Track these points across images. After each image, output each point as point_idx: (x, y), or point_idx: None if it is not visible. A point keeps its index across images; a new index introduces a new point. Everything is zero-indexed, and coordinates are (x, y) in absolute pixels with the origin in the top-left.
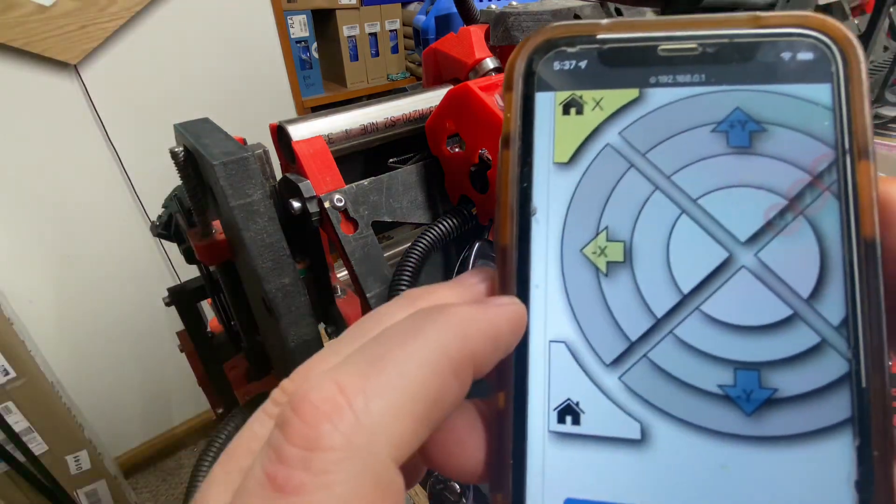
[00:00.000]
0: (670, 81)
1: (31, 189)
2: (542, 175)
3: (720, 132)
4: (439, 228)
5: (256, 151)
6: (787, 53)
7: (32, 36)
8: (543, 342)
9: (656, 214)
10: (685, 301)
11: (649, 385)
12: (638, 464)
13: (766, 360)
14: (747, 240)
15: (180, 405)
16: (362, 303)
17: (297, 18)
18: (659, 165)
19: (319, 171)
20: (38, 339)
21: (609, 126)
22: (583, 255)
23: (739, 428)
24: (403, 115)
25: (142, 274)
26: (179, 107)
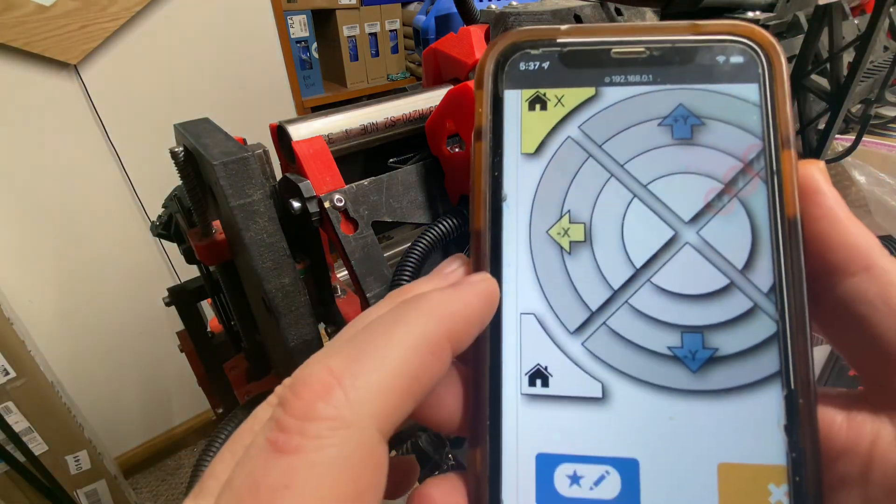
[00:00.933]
0: (622, 81)
1: (31, 189)
2: (511, 165)
3: (666, 126)
4: (439, 228)
5: (256, 151)
6: (721, 57)
7: (32, 36)
8: (515, 314)
9: (612, 198)
10: (638, 274)
11: (608, 349)
12: (599, 419)
13: (708, 324)
14: (690, 219)
15: (180, 405)
16: (362, 303)
17: (297, 18)
18: (614, 155)
19: (319, 171)
20: (38, 339)
21: (570, 120)
22: (549, 236)
23: (686, 384)
24: (403, 115)
25: (142, 274)
26: (179, 107)
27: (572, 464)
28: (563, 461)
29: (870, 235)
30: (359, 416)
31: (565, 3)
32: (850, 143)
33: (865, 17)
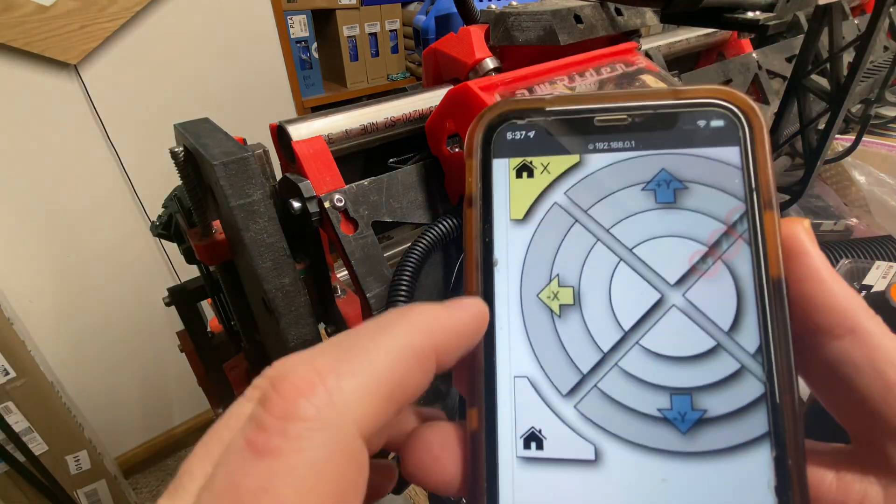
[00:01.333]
0: (606, 147)
1: (32, 189)
2: (501, 230)
3: (649, 190)
4: (439, 228)
5: (256, 151)
6: (702, 121)
7: (32, 36)
8: (509, 377)
9: (599, 262)
10: (626, 337)
11: (600, 411)
12: (593, 482)
13: (696, 386)
14: (676, 282)
15: (180, 405)
16: (362, 303)
17: (297, 18)
18: (599, 220)
19: (319, 171)
20: (38, 339)
21: (556, 187)
22: (539, 299)
23: (676, 445)
24: (403, 115)
25: (142, 274)
26: (179, 107)
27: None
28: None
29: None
30: (341, 417)
31: (565, 3)
32: (850, 143)
33: (865, 17)
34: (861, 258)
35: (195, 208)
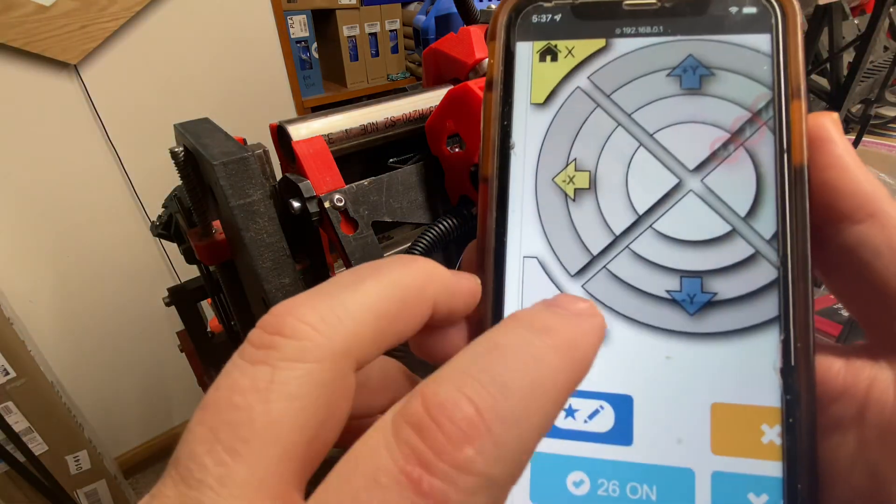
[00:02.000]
0: (633, 32)
1: (32, 189)
2: (521, 114)
3: (675, 76)
4: (439, 228)
5: (256, 151)
6: (734, 7)
7: (32, 36)
8: (518, 258)
9: (618, 147)
10: (640, 220)
11: (608, 291)
12: (597, 357)
13: (708, 269)
14: (695, 168)
15: (180, 405)
16: None
17: (297, 18)
18: (621, 105)
19: (319, 171)
20: (38, 339)
21: (579, 71)
22: (554, 183)
23: (683, 326)
24: (403, 115)
25: (142, 274)
26: (179, 107)
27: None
28: None
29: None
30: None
31: None
32: (849, 140)
33: (865, 17)
34: None
35: (195, 208)
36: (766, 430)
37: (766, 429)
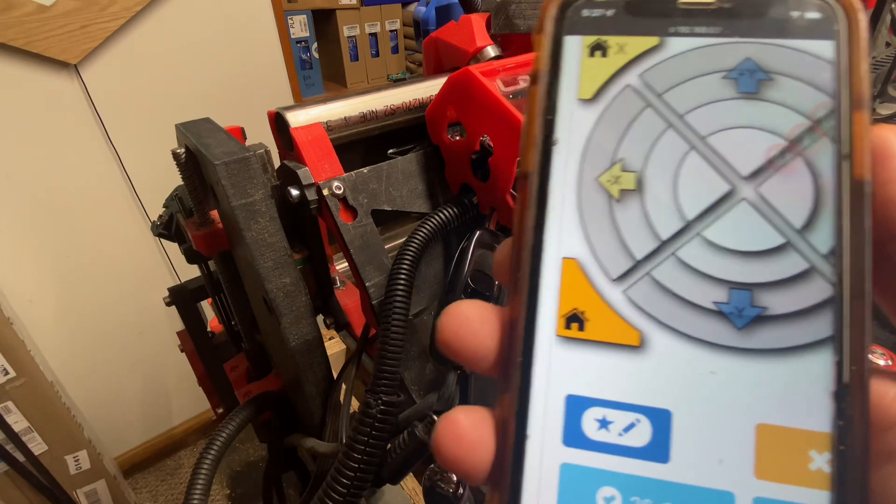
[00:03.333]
0: (688, 32)
1: (32, 189)
2: (566, 109)
3: (731, 79)
4: (439, 218)
5: (258, 151)
6: (797, 12)
7: (32, 36)
8: (556, 258)
9: (668, 149)
10: (688, 227)
11: (650, 299)
12: (635, 367)
13: (758, 282)
14: (749, 175)
15: (180, 405)
16: (361, 293)
17: (298, 18)
18: (673, 105)
19: (318, 158)
20: (38, 339)
21: (630, 68)
22: (598, 182)
23: (729, 340)
24: (403, 104)
25: (142, 274)
26: (179, 107)
27: (602, 408)
28: (593, 405)
29: None
30: None
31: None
32: None
33: (867, 12)
34: None
35: (196, 208)
36: (815, 457)
37: (814, 455)
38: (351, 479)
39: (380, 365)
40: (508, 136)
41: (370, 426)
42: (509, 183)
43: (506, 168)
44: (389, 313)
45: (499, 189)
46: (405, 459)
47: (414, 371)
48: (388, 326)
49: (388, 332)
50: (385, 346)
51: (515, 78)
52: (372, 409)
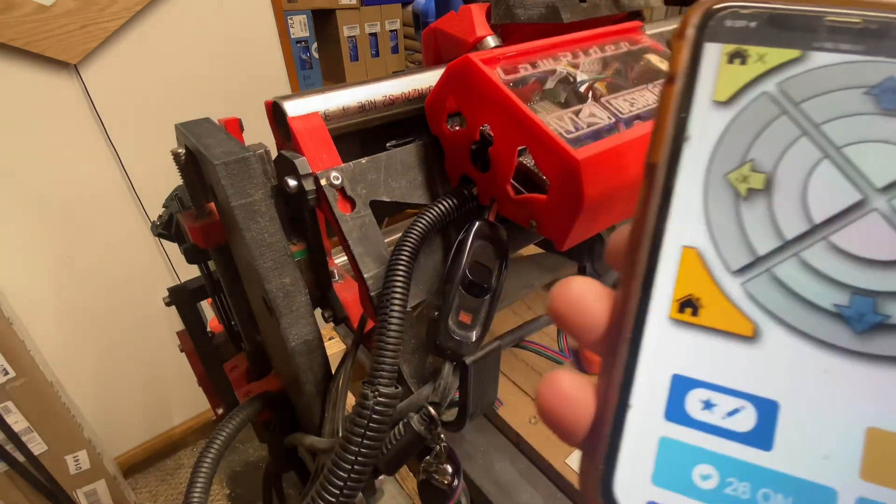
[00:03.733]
0: (831, 48)
1: (31, 189)
2: (700, 109)
3: (872, 95)
4: (438, 209)
5: (258, 151)
6: None
7: (32, 36)
8: (677, 245)
9: (800, 155)
10: (815, 230)
11: (768, 294)
12: (745, 357)
13: (883, 290)
14: (883, 187)
15: (180, 405)
16: (360, 284)
17: (297, 18)
18: (810, 115)
19: (316, 148)
20: (38, 339)
21: (769, 77)
22: (726, 179)
23: (846, 342)
24: (402, 95)
25: (142, 274)
26: (179, 107)
27: (708, 391)
28: (699, 386)
29: None
30: None
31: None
32: None
33: None
34: None
35: (194, 204)
36: None
37: None
38: (348, 473)
39: (377, 356)
40: (509, 125)
41: (367, 418)
42: (509, 173)
43: (506, 158)
44: (388, 304)
45: (499, 179)
46: (401, 450)
47: (412, 364)
48: (387, 317)
49: (386, 323)
50: (383, 336)
51: (516, 66)
52: (369, 400)
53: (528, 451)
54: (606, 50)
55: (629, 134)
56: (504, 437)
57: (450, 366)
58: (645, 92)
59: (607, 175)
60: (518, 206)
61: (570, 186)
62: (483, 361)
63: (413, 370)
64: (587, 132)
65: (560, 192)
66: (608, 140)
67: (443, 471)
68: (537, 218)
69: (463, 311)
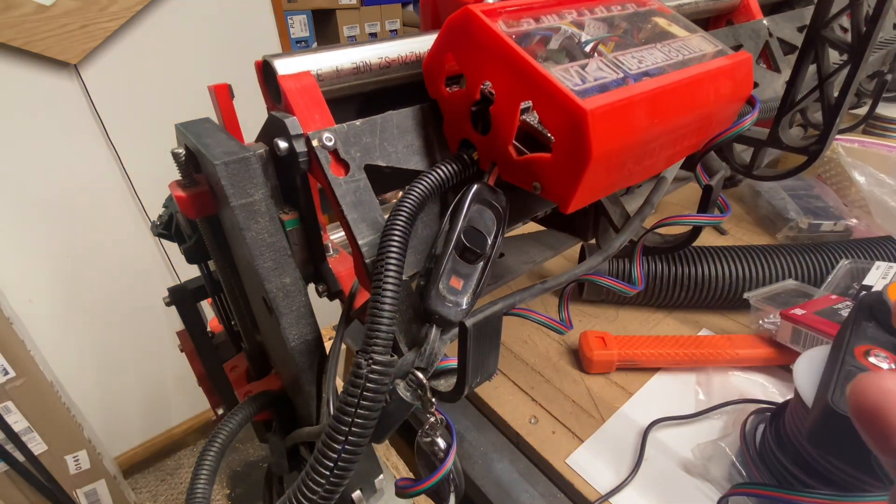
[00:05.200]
0: None
1: (32, 189)
2: None
3: None
4: (437, 174)
5: (258, 151)
6: None
7: (32, 36)
8: None
9: None
10: None
11: None
12: None
13: None
14: None
15: (180, 405)
16: (354, 251)
17: (297, 18)
18: None
19: (307, 108)
20: (38, 339)
21: None
22: None
23: None
24: (399, 57)
25: (142, 274)
26: (179, 106)
27: None
28: None
29: None
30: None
31: None
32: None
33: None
34: (861, 259)
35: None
36: None
37: None
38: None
39: (371, 323)
40: (511, 79)
41: (360, 387)
42: (511, 132)
43: (508, 116)
44: (382, 269)
45: (500, 140)
46: (388, 418)
47: (410, 336)
48: (381, 282)
49: (380, 289)
50: (377, 302)
51: (519, 21)
52: (362, 369)
53: (528, 451)
54: (612, 10)
55: (638, 87)
56: (504, 437)
57: (437, 330)
58: (654, 50)
59: (616, 128)
60: (520, 167)
61: (577, 139)
62: (484, 325)
63: (410, 342)
64: (594, 86)
65: (566, 147)
66: (617, 92)
67: (435, 443)
68: (541, 179)
69: (455, 275)
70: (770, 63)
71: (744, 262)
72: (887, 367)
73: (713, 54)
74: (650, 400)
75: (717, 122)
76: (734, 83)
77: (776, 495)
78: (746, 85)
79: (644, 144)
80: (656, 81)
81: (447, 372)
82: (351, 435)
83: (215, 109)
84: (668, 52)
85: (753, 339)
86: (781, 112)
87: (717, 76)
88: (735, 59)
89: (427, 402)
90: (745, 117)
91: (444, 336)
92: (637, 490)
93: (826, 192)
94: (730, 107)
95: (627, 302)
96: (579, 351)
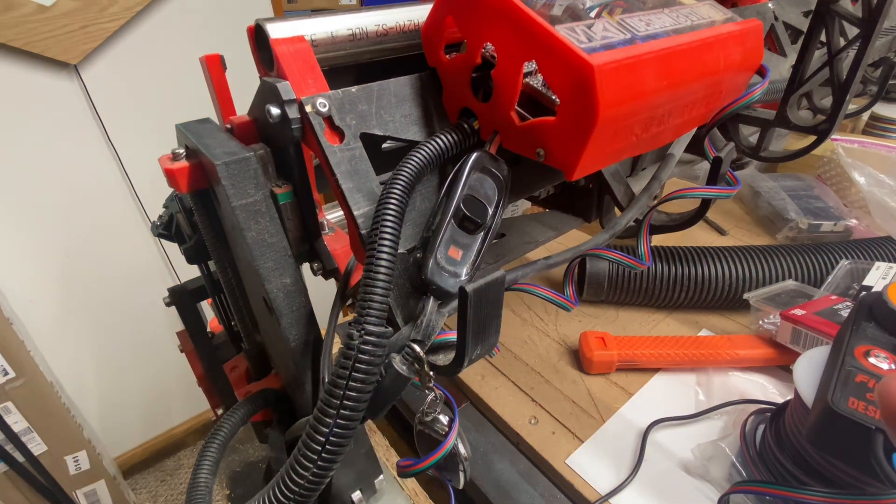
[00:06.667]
0: None
1: (31, 189)
2: None
3: None
4: (436, 143)
5: (258, 152)
6: None
7: (32, 36)
8: None
9: None
10: None
11: None
12: None
13: None
14: None
15: (180, 405)
16: (349, 222)
17: None
18: None
19: (301, 73)
20: (38, 339)
21: None
22: None
23: None
24: (397, 26)
25: (142, 274)
26: (179, 107)
27: None
28: None
29: None
30: None
31: None
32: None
33: None
34: (861, 259)
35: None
36: None
37: None
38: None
39: (364, 293)
40: (514, 38)
41: (352, 359)
42: (514, 96)
43: (511, 79)
44: (377, 237)
45: (502, 105)
46: (383, 393)
47: (406, 311)
48: (375, 249)
49: (374, 258)
50: (371, 270)
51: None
52: (354, 340)
53: (528, 452)
54: None
55: (646, 47)
56: (504, 438)
57: (434, 302)
58: (661, 14)
59: (623, 88)
60: (523, 134)
61: (584, 98)
62: (485, 291)
63: (407, 317)
64: (601, 44)
65: (572, 108)
66: (625, 50)
67: (437, 420)
68: (545, 145)
69: (454, 245)
70: (776, 47)
71: (744, 262)
72: (887, 368)
73: (723, 21)
74: (650, 400)
75: (727, 92)
76: (744, 50)
77: (776, 493)
78: (756, 53)
79: (652, 108)
80: (665, 42)
81: (446, 346)
82: (343, 409)
83: (207, 81)
84: (676, 17)
85: (753, 340)
86: (790, 91)
87: (727, 41)
88: (745, 26)
89: (425, 376)
90: (755, 86)
91: (442, 309)
92: (637, 490)
93: (826, 193)
94: (739, 76)
95: (627, 302)
96: (579, 351)
